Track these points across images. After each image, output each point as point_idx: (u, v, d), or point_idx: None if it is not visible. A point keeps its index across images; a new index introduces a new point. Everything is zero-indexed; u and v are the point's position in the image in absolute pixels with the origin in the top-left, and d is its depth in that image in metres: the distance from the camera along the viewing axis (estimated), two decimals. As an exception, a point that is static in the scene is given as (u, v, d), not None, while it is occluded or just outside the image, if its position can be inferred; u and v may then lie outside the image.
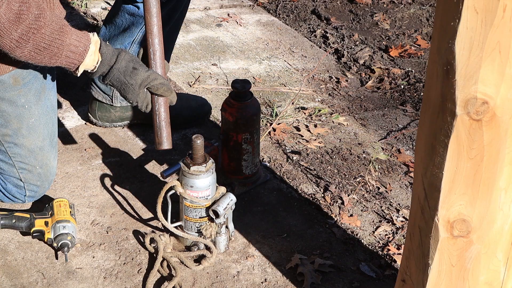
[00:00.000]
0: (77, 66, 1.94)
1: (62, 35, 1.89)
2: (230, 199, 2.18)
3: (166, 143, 2.06)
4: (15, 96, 2.10)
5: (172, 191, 2.18)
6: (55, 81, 2.25)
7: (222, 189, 2.21)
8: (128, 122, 2.73)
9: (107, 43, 2.01)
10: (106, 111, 2.68)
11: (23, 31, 1.81)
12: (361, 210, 2.44)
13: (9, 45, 1.83)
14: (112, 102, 2.66)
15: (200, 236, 2.21)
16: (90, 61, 1.95)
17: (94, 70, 1.98)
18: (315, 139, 2.77)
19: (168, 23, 2.56)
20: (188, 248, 2.23)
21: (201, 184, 2.15)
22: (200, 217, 2.19)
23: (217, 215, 2.16)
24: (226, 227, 2.23)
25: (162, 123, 2.05)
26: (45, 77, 2.16)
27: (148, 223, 2.33)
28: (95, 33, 1.97)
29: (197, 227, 2.21)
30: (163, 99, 2.06)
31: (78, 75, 1.97)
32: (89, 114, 2.73)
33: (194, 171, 2.13)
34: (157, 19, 2.05)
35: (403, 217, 2.42)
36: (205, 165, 2.14)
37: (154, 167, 2.57)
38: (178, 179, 2.18)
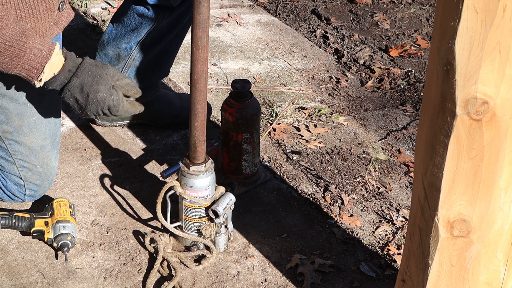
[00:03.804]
0: (40, 70, 1.87)
1: (25, 37, 1.85)
2: (230, 199, 2.18)
3: (200, 158, 2.14)
4: (17, 93, 2.10)
5: (172, 191, 2.18)
6: None
7: (222, 189, 2.21)
8: (128, 122, 2.73)
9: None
10: None
11: None
12: (361, 210, 2.44)
13: None
14: None
15: (200, 236, 2.21)
16: (57, 60, 1.91)
17: (60, 69, 1.92)
18: (315, 139, 2.77)
19: (175, 28, 2.56)
20: (188, 248, 2.23)
21: (201, 184, 2.15)
22: (199, 217, 2.19)
23: (216, 215, 2.16)
24: (226, 226, 2.23)
25: (196, 142, 2.11)
26: None
27: (148, 223, 2.33)
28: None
29: (196, 227, 2.21)
30: (199, 121, 2.06)
31: (42, 83, 1.91)
32: None
33: (193, 171, 2.13)
34: (203, 67, 2.01)
35: (403, 217, 2.42)
36: (204, 165, 2.14)
37: (154, 167, 2.57)
38: (177, 179, 2.18)
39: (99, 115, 2.02)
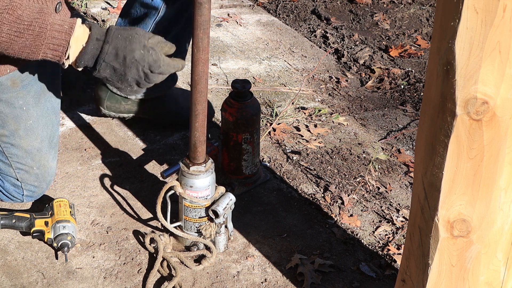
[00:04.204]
0: (65, 46, 1.80)
1: (43, 14, 1.78)
2: (230, 199, 2.18)
3: (200, 158, 2.14)
4: (13, 97, 2.09)
5: (172, 191, 2.18)
6: (59, 83, 2.23)
7: (222, 189, 2.21)
8: (134, 115, 2.69)
9: None
10: (117, 102, 2.64)
11: None
12: (361, 210, 2.44)
13: None
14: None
15: (200, 236, 2.20)
16: (81, 32, 1.82)
17: (88, 40, 1.83)
18: (315, 139, 2.77)
19: (183, 14, 2.51)
20: (188, 248, 2.23)
21: (201, 184, 2.15)
22: (199, 217, 2.19)
23: (216, 215, 2.16)
24: (226, 226, 2.23)
25: (197, 143, 2.11)
26: (46, 79, 2.14)
27: (148, 223, 2.33)
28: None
29: (196, 227, 2.21)
30: (200, 122, 2.04)
31: (70, 60, 1.82)
32: (95, 101, 2.67)
33: (193, 171, 2.13)
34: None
35: (403, 217, 2.42)
36: (204, 165, 2.14)
37: (154, 167, 2.57)
38: (177, 179, 2.18)
39: (139, 84, 1.89)
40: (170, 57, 1.94)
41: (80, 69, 1.87)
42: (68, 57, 1.83)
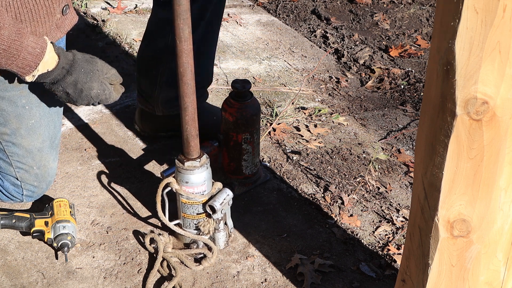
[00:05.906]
0: (33, 68, 1.91)
1: (20, 36, 1.87)
2: (227, 194, 2.18)
3: (194, 153, 2.14)
4: (16, 96, 2.09)
5: (168, 188, 2.18)
6: None
7: (219, 184, 2.21)
8: (172, 132, 2.68)
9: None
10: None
11: None
12: (361, 210, 2.44)
13: None
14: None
15: (199, 233, 2.20)
16: (50, 58, 1.94)
17: (55, 67, 1.96)
18: (315, 139, 2.77)
19: (199, 21, 2.46)
20: (187, 246, 2.23)
21: (196, 180, 2.14)
22: (197, 214, 2.19)
23: (213, 210, 2.16)
24: (225, 223, 2.23)
25: (189, 137, 2.11)
26: None
27: (148, 222, 2.33)
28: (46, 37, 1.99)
29: (195, 224, 2.21)
30: (190, 115, 2.06)
31: (35, 77, 1.93)
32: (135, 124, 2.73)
33: (188, 167, 2.13)
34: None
35: (403, 217, 2.42)
36: (199, 160, 2.14)
37: (154, 167, 2.57)
38: (173, 176, 2.18)
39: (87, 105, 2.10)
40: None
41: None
42: (33, 76, 1.94)
